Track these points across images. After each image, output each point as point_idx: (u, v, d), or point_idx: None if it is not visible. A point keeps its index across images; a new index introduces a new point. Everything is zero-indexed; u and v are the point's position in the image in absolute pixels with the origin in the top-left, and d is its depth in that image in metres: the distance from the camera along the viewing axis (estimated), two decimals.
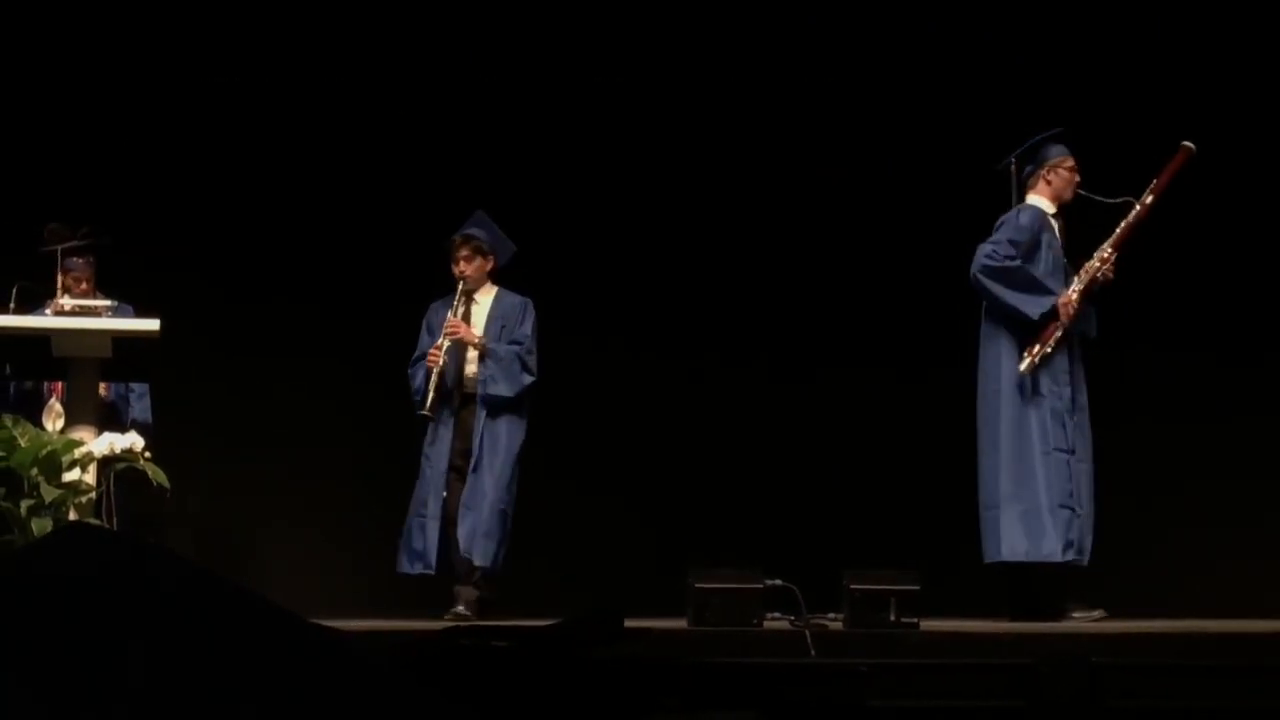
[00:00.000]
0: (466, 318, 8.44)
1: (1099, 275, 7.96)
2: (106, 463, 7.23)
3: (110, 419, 7.77)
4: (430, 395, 8.24)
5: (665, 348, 9.41)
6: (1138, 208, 7.95)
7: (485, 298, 8.53)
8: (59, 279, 7.97)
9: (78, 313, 7.72)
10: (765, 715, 4.01)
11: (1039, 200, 8.11)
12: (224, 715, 2.36)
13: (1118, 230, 7.99)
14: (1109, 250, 7.98)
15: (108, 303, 7.86)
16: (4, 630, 2.40)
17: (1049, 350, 7.88)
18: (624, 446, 8.84)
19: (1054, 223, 8.11)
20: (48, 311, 7.80)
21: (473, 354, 8.38)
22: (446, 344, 8.31)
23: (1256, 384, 9.23)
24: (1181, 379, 9.21)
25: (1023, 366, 7.88)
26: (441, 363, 8.29)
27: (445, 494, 8.28)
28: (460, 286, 8.42)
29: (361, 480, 9.35)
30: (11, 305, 7.63)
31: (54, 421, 7.28)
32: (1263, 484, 9.08)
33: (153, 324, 7.48)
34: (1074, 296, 7.90)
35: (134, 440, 7.23)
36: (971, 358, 8.11)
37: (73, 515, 7.08)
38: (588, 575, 8.74)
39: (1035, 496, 7.79)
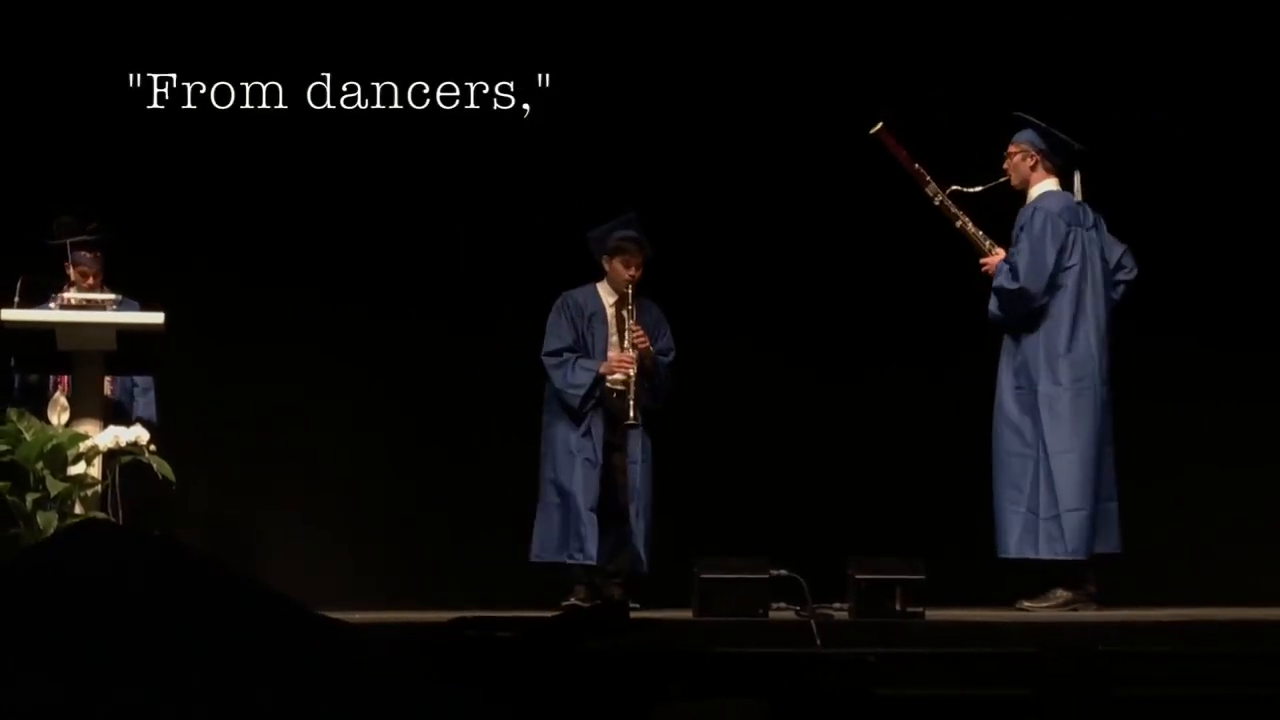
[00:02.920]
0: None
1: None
2: (111, 456, 7.23)
3: (116, 417, 7.76)
4: (632, 405, 8.25)
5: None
6: (939, 206, 7.84)
7: (635, 303, 8.51)
8: (69, 270, 8.02)
9: (82, 306, 7.72)
10: (772, 704, 4.01)
11: None
12: (235, 705, 2.36)
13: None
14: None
15: (112, 296, 7.87)
16: (20, 625, 2.40)
17: None
18: None
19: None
20: (53, 305, 7.80)
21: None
22: (633, 354, 8.33)
23: (1259, 368, 9.20)
24: (1182, 363, 9.17)
25: None
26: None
27: (598, 487, 8.34)
28: (629, 291, 8.39)
29: (367, 470, 9.34)
30: (16, 299, 7.63)
31: (59, 415, 7.28)
32: (1268, 469, 9.06)
33: (157, 317, 7.49)
34: None
35: (139, 433, 7.22)
36: (973, 349, 8.12)
37: (78, 509, 7.08)
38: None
39: None
